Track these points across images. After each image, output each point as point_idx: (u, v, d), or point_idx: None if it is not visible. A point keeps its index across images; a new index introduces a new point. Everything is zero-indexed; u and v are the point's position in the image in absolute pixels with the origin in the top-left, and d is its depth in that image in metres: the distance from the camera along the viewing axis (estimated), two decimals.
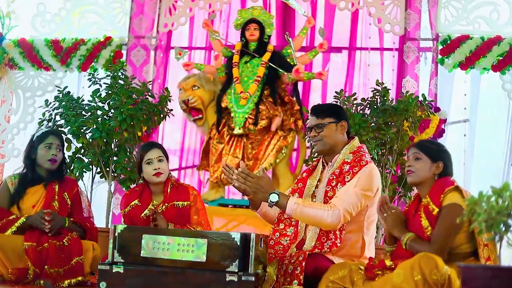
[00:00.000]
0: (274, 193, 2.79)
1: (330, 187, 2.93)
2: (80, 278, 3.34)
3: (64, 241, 3.39)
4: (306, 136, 3.18)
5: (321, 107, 3.20)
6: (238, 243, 2.53)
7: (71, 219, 3.54)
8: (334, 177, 2.94)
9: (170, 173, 3.54)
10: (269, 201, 2.78)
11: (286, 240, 2.98)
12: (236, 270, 2.52)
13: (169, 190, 3.46)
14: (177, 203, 3.42)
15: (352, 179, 2.88)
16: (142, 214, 3.40)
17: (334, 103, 4.52)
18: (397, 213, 2.76)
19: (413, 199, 2.90)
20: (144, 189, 3.49)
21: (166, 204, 3.42)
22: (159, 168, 3.41)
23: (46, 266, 3.32)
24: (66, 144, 4.79)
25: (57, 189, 3.57)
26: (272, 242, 2.95)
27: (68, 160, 4.83)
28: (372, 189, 2.91)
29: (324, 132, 3.00)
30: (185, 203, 3.43)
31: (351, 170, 2.91)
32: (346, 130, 3.05)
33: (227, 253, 2.54)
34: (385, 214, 2.76)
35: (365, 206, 2.91)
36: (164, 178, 3.45)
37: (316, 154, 3.12)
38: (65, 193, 3.59)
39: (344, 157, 2.98)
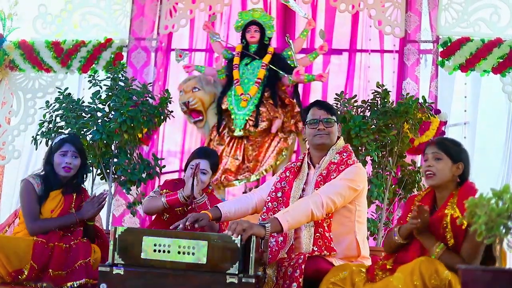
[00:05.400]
0: (261, 224, 2.70)
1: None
2: (83, 281, 3.34)
3: (72, 243, 3.41)
4: (308, 127, 3.12)
5: (329, 104, 3.23)
6: (239, 245, 2.53)
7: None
8: (322, 178, 2.97)
9: (210, 185, 3.67)
10: (266, 230, 2.68)
11: (272, 243, 2.99)
12: (237, 272, 2.52)
13: None
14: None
15: (338, 175, 2.94)
16: (179, 208, 3.53)
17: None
18: (427, 220, 2.59)
19: (424, 195, 2.79)
20: (184, 184, 3.57)
21: (192, 206, 3.49)
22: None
23: (50, 270, 3.32)
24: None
25: (74, 197, 3.62)
26: None
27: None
28: (358, 183, 2.94)
29: (332, 129, 3.08)
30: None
31: (337, 168, 2.96)
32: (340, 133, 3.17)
33: (227, 255, 2.54)
34: (419, 220, 2.56)
35: (350, 199, 2.93)
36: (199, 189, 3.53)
37: (317, 145, 3.12)
38: (83, 202, 3.63)
39: (330, 158, 3.03)
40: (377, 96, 4.68)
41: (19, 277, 3.30)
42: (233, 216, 3.06)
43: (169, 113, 5.12)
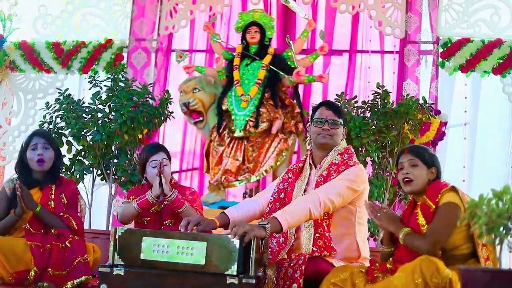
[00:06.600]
0: (261, 225, 2.68)
1: None
2: (83, 278, 3.34)
3: (66, 242, 3.40)
4: (314, 125, 3.11)
5: (337, 106, 3.20)
6: (238, 246, 2.53)
7: (61, 214, 3.53)
8: (322, 178, 2.97)
9: (172, 175, 3.60)
10: (266, 232, 2.66)
11: (273, 243, 2.98)
12: (237, 273, 2.52)
13: None
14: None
15: (338, 176, 2.94)
16: (152, 209, 3.51)
17: None
18: (389, 212, 2.79)
19: (407, 205, 2.91)
20: (149, 187, 3.55)
21: (165, 203, 3.49)
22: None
23: (49, 269, 3.32)
24: (70, 145, 4.84)
25: (53, 190, 3.57)
26: None
27: (69, 160, 4.86)
28: (358, 184, 2.94)
29: (336, 130, 3.08)
30: (183, 197, 3.49)
31: (338, 169, 2.96)
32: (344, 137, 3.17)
33: (227, 256, 2.53)
34: (378, 214, 2.76)
35: (350, 199, 2.93)
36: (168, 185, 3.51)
37: (320, 144, 3.10)
38: (62, 194, 3.59)
39: (332, 158, 3.03)
40: (378, 97, 4.68)
41: (25, 281, 3.30)
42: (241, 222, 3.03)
43: (169, 113, 5.12)
